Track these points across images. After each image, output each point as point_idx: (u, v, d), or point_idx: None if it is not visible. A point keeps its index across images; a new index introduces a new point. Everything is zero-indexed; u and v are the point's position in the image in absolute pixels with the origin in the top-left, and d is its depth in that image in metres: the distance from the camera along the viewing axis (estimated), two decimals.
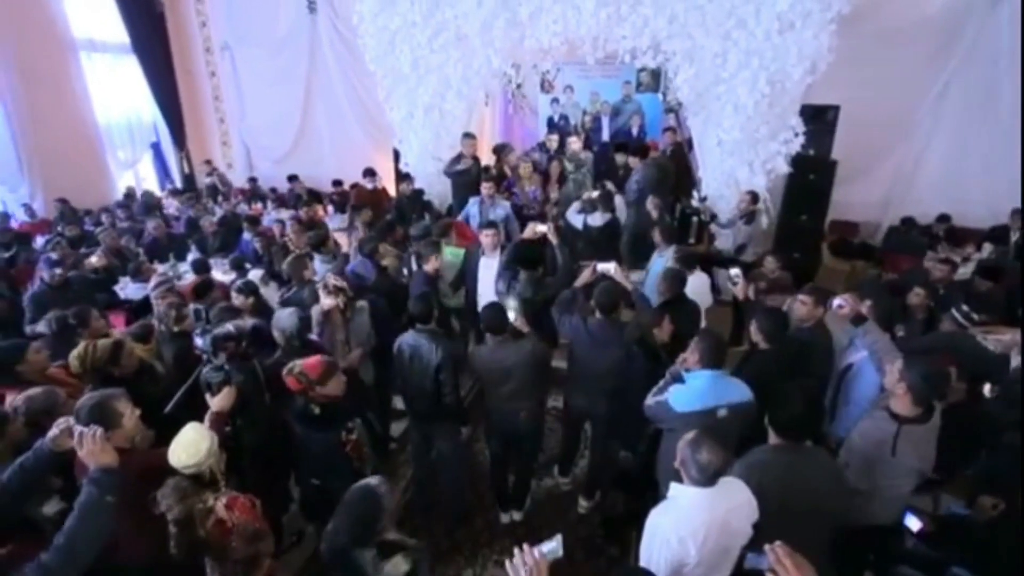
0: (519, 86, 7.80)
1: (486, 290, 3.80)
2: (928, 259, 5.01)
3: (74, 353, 2.78)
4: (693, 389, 2.44)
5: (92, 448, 1.83)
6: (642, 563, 1.86)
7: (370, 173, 6.52)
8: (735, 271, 3.55)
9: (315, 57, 8.63)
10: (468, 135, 5.59)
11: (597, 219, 4.79)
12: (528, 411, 2.86)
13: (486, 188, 4.89)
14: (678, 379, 2.50)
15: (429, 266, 3.76)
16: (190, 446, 2.01)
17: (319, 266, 4.17)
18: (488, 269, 3.85)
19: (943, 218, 6.90)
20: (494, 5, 5.26)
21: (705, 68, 5.09)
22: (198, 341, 2.77)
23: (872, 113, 6.85)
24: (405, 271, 4.23)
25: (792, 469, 2.06)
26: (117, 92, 8.20)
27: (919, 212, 7.04)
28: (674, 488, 1.88)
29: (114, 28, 7.96)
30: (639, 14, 5.02)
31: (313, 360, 2.45)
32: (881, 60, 6.66)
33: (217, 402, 2.44)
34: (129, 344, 2.93)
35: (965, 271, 5.75)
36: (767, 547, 1.49)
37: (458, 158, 5.51)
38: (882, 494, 2.31)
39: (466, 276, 4.01)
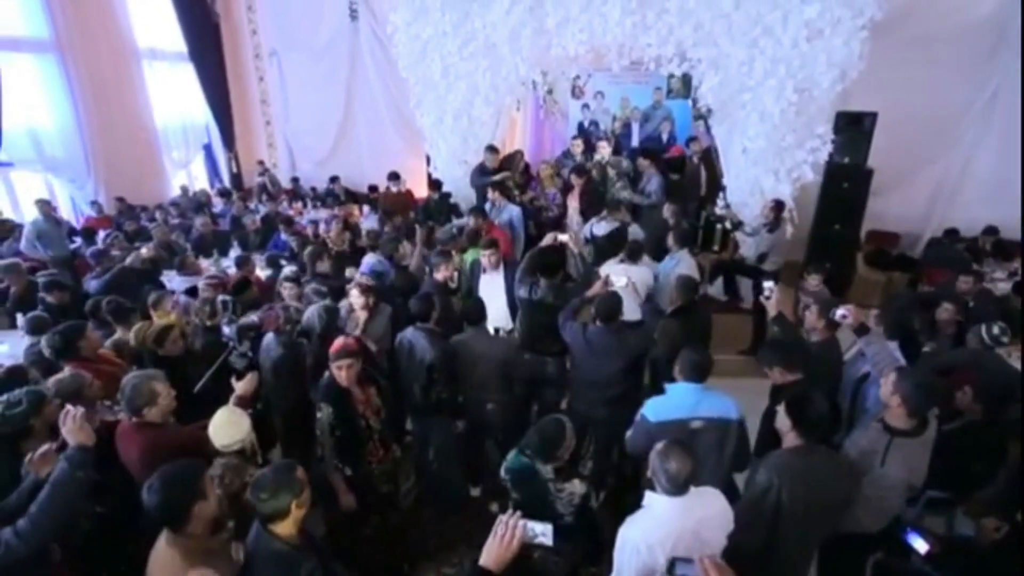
0: (550, 91, 7.91)
1: (489, 304, 3.85)
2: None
3: (133, 329, 3.11)
4: (668, 399, 2.51)
5: (72, 427, 2.00)
6: (614, 570, 1.92)
7: (394, 176, 6.76)
8: (769, 284, 3.39)
9: (355, 63, 9.01)
10: (491, 148, 5.76)
11: (602, 227, 4.85)
12: (497, 404, 2.98)
13: (494, 195, 5.03)
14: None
15: (440, 275, 3.81)
16: (232, 426, 2.22)
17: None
18: (488, 286, 3.90)
19: (990, 230, 6.58)
20: (522, 14, 5.40)
21: (731, 76, 5.08)
22: (225, 330, 3.03)
23: (914, 120, 6.62)
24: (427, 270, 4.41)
25: (814, 470, 2.10)
26: (174, 97, 8.77)
27: (965, 223, 6.76)
28: (648, 497, 1.93)
29: (173, 37, 8.54)
30: (664, 22, 5.06)
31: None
32: (925, 64, 6.45)
33: (242, 386, 2.67)
34: (175, 331, 3.19)
35: (1007, 287, 5.51)
36: (696, 558, 1.55)
37: (483, 170, 5.68)
38: (869, 504, 2.32)
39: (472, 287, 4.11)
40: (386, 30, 6.65)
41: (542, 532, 1.61)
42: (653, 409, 2.49)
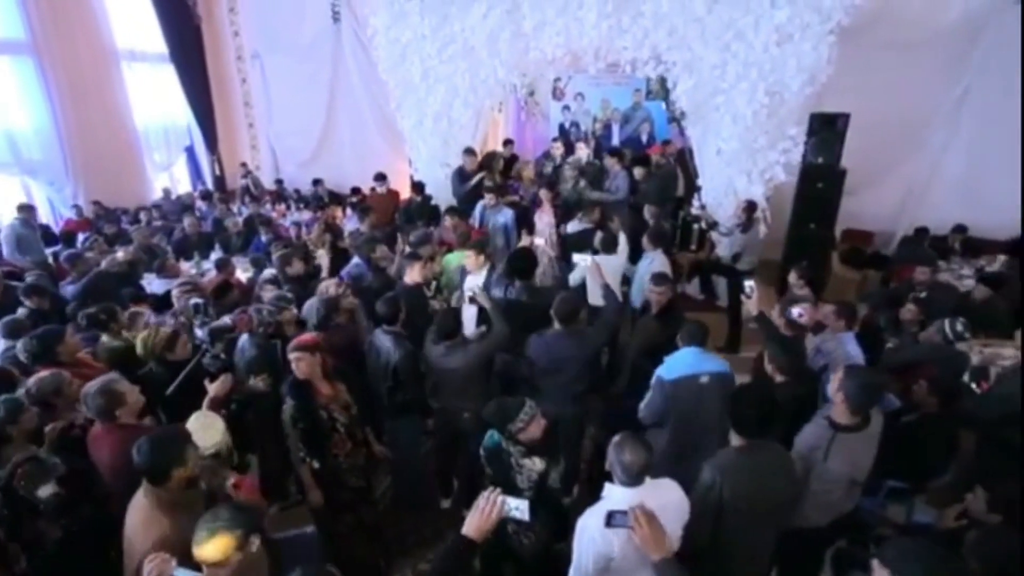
0: (531, 93, 7.98)
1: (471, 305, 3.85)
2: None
3: (140, 336, 3.09)
4: (678, 361, 2.86)
5: None
6: (573, 559, 1.99)
7: (380, 177, 6.80)
8: (750, 283, 3.42)
9: (338, 65, 9.02)
10: (469, 151, 5.83)
11: (574, 226, 4.94)
12: (472, 413, 3.05)
13: (489, 198, 5.10)
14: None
15: (409, 278, 3.81)
16: (206, 430, 2.27)
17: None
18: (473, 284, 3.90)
19: (959, 229, 6.78)
20: (499, 18, 5.47)
21: (704, 79, 5.18)
22: (198, 332, 3.06)
23: (886, 122, 6.78)
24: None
25: (758, 469, 2.15)
26: (155, 98, 8.73)
27: (936, 222, 6.92)
28: (607, 488, 1.99)
29: (154, 39, 8.50)
30: (640, 26, 5.15)
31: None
32: (896, 68, 6.61)
33: (215, 388, 2.71)
34: (184, 336, 3.17)
35: (972, 283, 5.67)
36: (629, 508, 1.65)
37: (463, 175, 5.72)
38: (816, 499, 2.40)
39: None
40: (367, 33, 6.69)
41: (518, 508, 1.73)
42: (666, 370, 2.84)
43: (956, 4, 6.41)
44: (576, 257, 3.56)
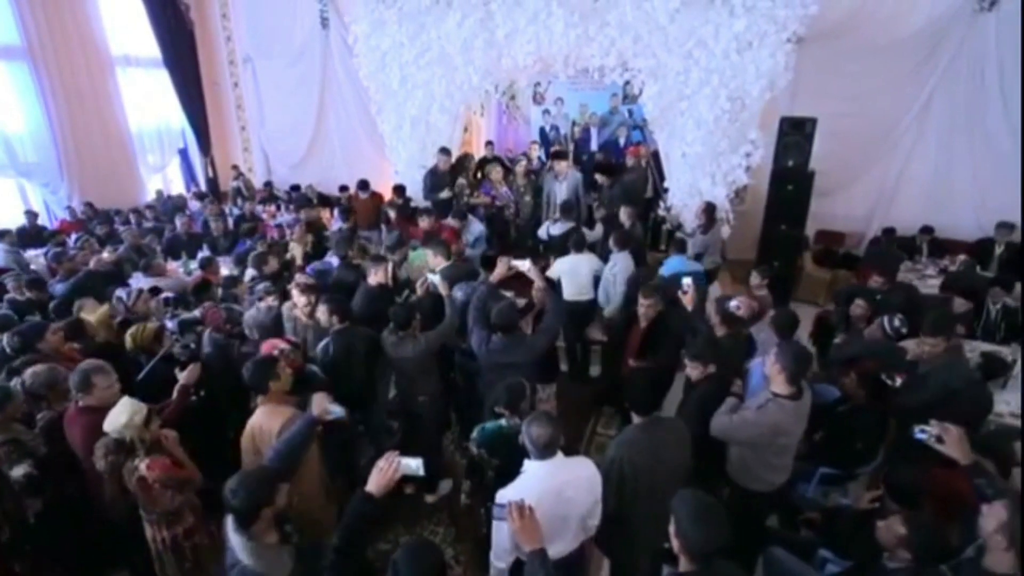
0: (513, 97, 8.19)
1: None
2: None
3: (129, 332, 3.28)
4: (672, 263, 4.41)
5: None
6: (493, 530, 2.17)
7: (363, 186, 7.00)
8: (687, 281, 3.57)
9: (327, 69, 9.22)
10: (444, 150, 6.05)
11: (558, 228, 5.15)
12: (428, 396, 3.25)
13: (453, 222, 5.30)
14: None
15: (372, 279, 3.89)
16: (116, 415, 2.39)
17: None
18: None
19: (926, 230, 6.95)
20: (473, 27, 5.69)
21: (669, 85, 5.38)
22: (168, 323, 3.28)
23: (858, 125, 6.98)
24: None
25: (655, 442, 2.37)
26: (148, 102, 8.98)
27: (905, 223, 7.10)
28: (525, 464, 2.19)
29: (147, 44, 8.72)
30: (606, 35, 5.36)
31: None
32: (864, 74, 6.80)
33: (185, 376, 2.93)
34: (167, 331, 3.38)
35: (937, 283, 5.87)
36: (506, 501, 1.87)
37: (436, 174, 5.93)
38: (770, 463, 2.71)
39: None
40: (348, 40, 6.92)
41: (416, 466, 1.94)
42: (666, 269, 4.27)
43: (922, 11, 6.59)
44: (514, 262, 3.69)
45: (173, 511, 2.38)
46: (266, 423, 2.58)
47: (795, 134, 6.25)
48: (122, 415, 2.35)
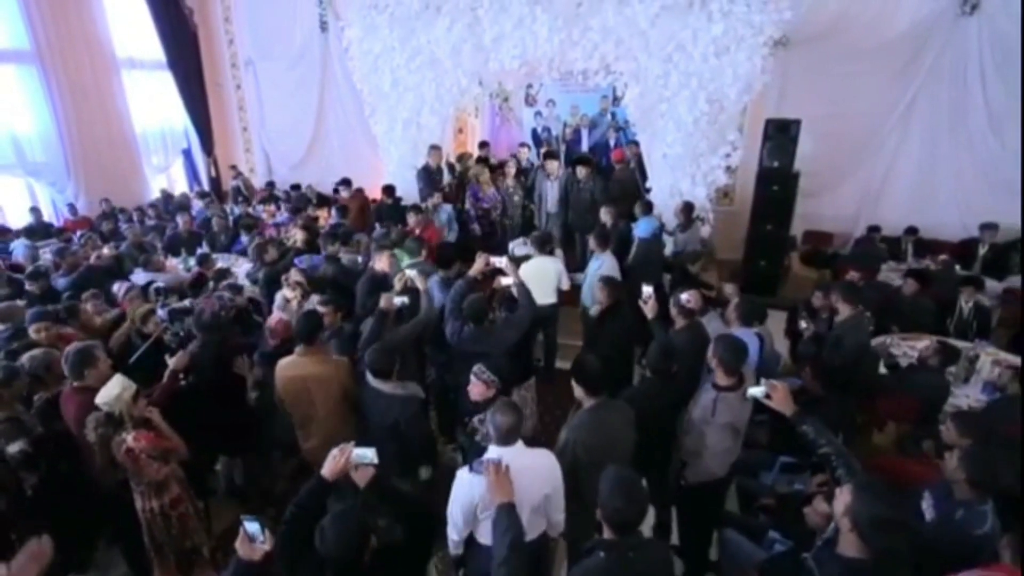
0: (506, 99, 8.37)
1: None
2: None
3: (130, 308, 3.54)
4: (644, 224, 4.96)
5: None
6: (448, 509, 2.32)
7: (346, 183, 7.24)
8: (648, 290, 3.52)
9: (326, 70, 9.42)
10: (435, 147, 6.23)
11: (522, 251, 5.40)
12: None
13: (436, 197, 5.55)
14: None
15: (378, 265, 4.06)
16: (108, 389, 2.59)
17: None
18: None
19: (911, 231, 7.05)
20: (461, 31, 5.87)
21: (649, 87, 5.53)
22: (160, 312, 3.48)
23: (842, 127, 7.10)
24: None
25: (603, 422, 2.53)
26: (153, 104, 9.23)
27: (890, 224, 7.20)
28: (489, 449, 2.32)
29: (152, 47, 8.98)
30: (589, 39, 5.53)
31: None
32: (850, 76, 6.92)
33: (175, 361, 3.13)
34: (156, 314, 3.64)
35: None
36: (487, 459, 2.05)
37: (428, 171, 6.11)
38: (714, 452, 2.81)
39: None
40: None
41: (371, 456, 2.12)
42: (639, 230, 5.00)
43: (906, 14, 6.69)
44: (492, 258, 3.81)
45: (159, 481, 2.57)
46: (315, 370, 2.96)
47: (780, 136, 6.41)
48: (114, 388, 2.55)
